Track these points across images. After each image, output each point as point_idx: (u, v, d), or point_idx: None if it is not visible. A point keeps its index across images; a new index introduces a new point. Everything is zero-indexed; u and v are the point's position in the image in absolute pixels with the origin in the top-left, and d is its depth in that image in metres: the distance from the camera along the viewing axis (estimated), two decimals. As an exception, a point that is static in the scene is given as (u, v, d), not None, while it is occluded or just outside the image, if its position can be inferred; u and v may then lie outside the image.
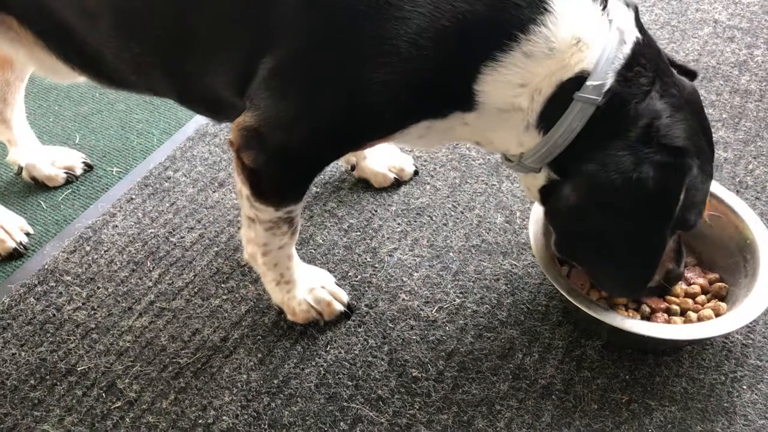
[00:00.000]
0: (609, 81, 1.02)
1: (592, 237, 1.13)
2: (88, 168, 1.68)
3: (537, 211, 1.34)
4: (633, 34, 1.05)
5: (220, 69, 1.11)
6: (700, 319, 1.25)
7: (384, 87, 1.01)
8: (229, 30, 1.07)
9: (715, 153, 1.16)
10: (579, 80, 1.02)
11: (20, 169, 1.63)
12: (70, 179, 1.65)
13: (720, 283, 1.33)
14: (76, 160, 1.67)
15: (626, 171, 1.03)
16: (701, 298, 1.30)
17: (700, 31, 2.01)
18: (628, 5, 1.07)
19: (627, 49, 1.03)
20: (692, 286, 1.32)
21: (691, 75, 1.18)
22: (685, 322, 1.26)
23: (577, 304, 1.22)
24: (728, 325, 1.19)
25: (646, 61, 1.05)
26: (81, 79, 1.35)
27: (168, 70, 1.17)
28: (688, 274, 1.34)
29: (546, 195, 1.15)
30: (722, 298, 1.30)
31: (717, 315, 1.26)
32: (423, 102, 1.06)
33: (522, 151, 1.11)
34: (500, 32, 0.99)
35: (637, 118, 1.03)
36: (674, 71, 1.11)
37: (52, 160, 1.64)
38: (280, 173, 1.14)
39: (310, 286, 1.32)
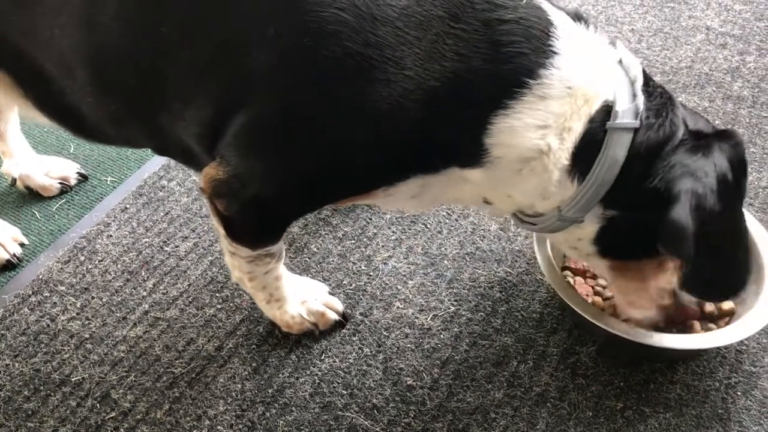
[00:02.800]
0: (641, 102, 1.01)
1: (717, 250, 1.06)
2: (83, 178, 1.68)
3: None
4: (630, 56, 1.05)
5: (192, 123, 1.07)
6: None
7: (362, 149, 0.99)
8: (200, 86, 1.04)
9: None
10: (606, 111, 1.00)
11: (14, 180, 1.63)
12: (65, 189, 1.65)
13: None
14: (70, 170, 1.67)
15: (711, 171, 1.01)
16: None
17: (693, 38, 2.02)
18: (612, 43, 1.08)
19: (635, 71, 1.03)
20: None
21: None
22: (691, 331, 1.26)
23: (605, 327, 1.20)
24: (747, 330, 1.20)
25: (651, 77, 1.07)
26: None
27: (143, 124, 1.14)
28: None
29: (607, 238, 1.09)
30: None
31: (722, 314, 1.28)
32: (409, 161, 1.03)
33: (550, 203, 1.06)
34: (507, 83, 0.97)
35: (680, 123, 1.04)
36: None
37: (47, 171, 1.64)
38: (253, 221, 1.12)
39: (302, 299, 1.32)
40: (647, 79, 1.05)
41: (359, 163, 1.02)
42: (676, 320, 1.22)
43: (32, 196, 1.63)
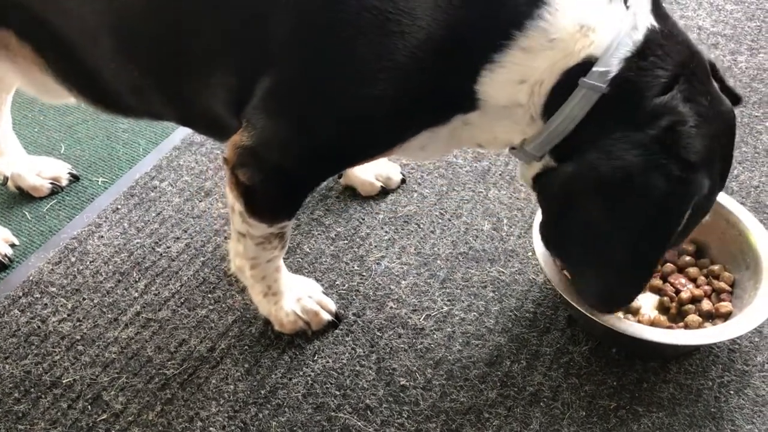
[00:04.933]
0: (614, 68, 0.97)
1: (581, 229, 1.07)
2: (74, 179, 1.67)
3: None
4: (647, 20, 0.99)
5: (218, 90, 1.10)
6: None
7: (383, 103, 1.01)
8: (226, 51, 1.07)
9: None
10: (586, 66, 0.97)
11: (5, 179, 1.62)
12: (56, 190, 1.64)
13: (726, 273, 1.34)
14: (62, 170, 1.66)
15: (634, 171, 0.98)
16: (706, 303, 1.31)
17: (685, 37, 2.03)
18: None
19: (639, 36, 0.97)
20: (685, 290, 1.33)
21: (734, 98, 1.10)
22: (686, 326, 1.27)
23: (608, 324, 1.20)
24: (748, 323, 1.20)
25: (666, 54, 0.98)
26: (71, 101, 1.34)
27: (166, 93, 1.16)
28: (682, 280, 1.35)
29: (539, 181, 1.11)
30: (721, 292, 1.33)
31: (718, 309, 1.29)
32: (423, 113, 1.05)
33: (522, 138, 1.08)
34: (496, 34, 0.97)
35: (657, 115, 0.97)
36: (716, 84, 1.05)
37: (38, 171, 1.63)
38: (276, 191, 1.13)
39: (297, 296, 1.32)
40: (658, 50, 0.98)
41: (380, 119, 1.03)
42: None
43: (23, 196, 1.62)
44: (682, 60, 1.00)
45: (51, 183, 1.63)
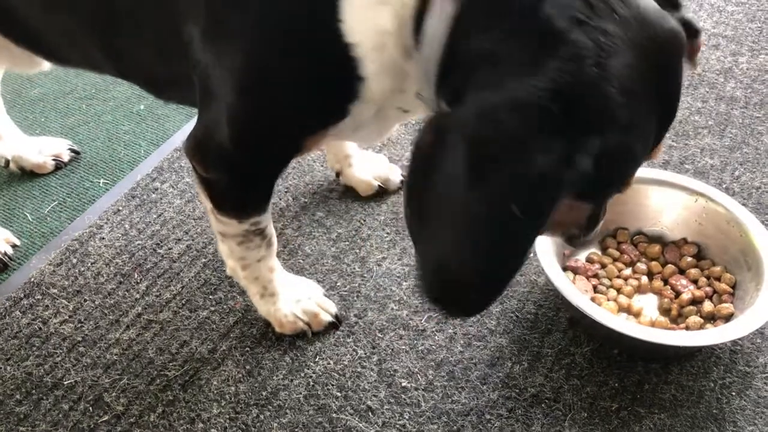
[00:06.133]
0: None
1: (438, 190, 0.81)
2: (75, 154, 1.71)
3: None
4: None
5: (151, 47, 1.07)
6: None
7: (286, 72, 0.93)
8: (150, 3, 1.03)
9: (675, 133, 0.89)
10: None
11: (7, 162, 1.65)
12: (59, 166, 1.68)
13: (727, 274, 1.35)
14: (62, 146, 1.70)
15: (504, 132, 0.74)
16: (707, 305, 1.32)
17: (686, 39, 2.03)
18: None
19: None
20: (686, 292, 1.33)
21: (688, 28, 0.85)
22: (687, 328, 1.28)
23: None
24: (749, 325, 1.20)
25: None
26: (46, 66, 1.36)
27: (99, 45, 1.15)
28: (683, 281, 1.35)
29: None
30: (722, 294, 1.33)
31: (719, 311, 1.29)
32: (328, 83, 0.93)
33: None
34: None
35: (542, 37, 0.74)
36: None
37: (39, 149, 1.67)
38: (230, 181, 1.10)
39: (296, 298, 1.31)
40: None
41: (292, 87, 0.95)
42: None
43: (23, 198, 1.62)
44: None
45: (54, 159, 1.67)
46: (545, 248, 1.29)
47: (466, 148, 0.76)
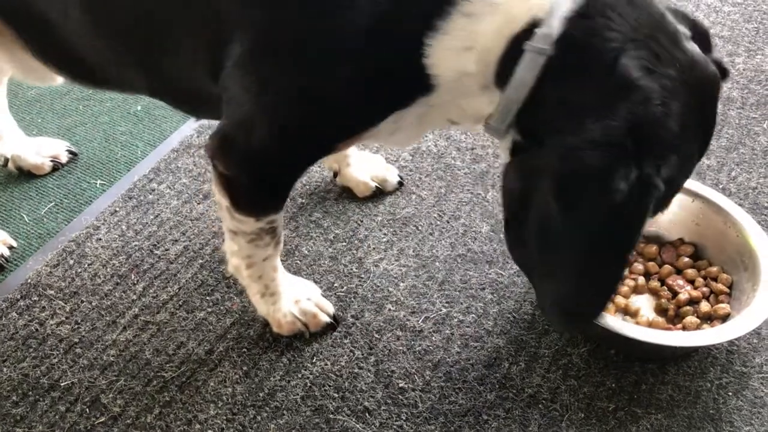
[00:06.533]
0: (556, 29, 0.91)
1: (537, 231, 0.97)
2: (73, 155, 1.72)
3: None
4: None
5: (192, 62, 1.09)
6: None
7: (338, 85, 0.99)
8: (190, 21, 1.05)
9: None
10: (532, 31, 0.93)
11: (6, 161, 1.66)
12: (56, 167, 1.68)
13: (724, 274, 1.35)
14: (60, 148, 1.71)
15: (593, 168, 0.89)
16: (704, 305, 1.32)
17: (682, 39, 2.03)
18: None
19: None
20: (683, 292, 1.33)
21: (721, 71, 1.00)
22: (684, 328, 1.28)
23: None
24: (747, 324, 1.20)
25: (616, 15, 0.91)
26: (59, 81, 1.37)
27: (138, 65, 1.16)
28: (680, 281, 1.35)
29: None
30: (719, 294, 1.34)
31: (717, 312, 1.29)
32: (382, 95, 1.01)
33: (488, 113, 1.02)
34: (436, 0, 0.94)
35: (618, 86, 0.89)
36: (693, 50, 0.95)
37: (37, 150, 1.68)
38: (253, 180, 1.12)
39: (295, 298, 1.32)
40: (607, 10, 0.91)
41: (338, 101, 1.01)
42: None
43: (20, 199, 1.62)
44: (639, 22, 0.92)
45: (51, 160, 1.68)
46: None
47: (553, 186, 0.90)
